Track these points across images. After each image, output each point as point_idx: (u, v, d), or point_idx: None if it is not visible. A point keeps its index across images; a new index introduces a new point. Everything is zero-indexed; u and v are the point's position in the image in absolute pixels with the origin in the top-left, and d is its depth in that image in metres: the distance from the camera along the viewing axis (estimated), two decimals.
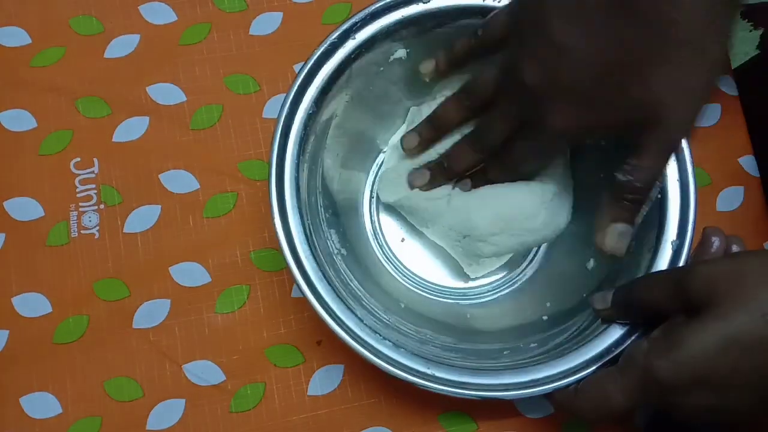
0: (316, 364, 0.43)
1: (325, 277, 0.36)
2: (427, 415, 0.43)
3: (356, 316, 0.35)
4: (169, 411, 0.42)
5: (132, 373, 0.42)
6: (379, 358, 0.35)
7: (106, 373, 0.42)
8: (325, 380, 0.43)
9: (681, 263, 0.37)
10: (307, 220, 0.37)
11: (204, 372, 0.43)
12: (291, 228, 0.36)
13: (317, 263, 0.36)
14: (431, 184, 0.42)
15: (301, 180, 0.37)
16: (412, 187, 0.42)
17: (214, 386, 0.42)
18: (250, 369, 0.43)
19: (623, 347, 0.35)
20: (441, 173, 0.41)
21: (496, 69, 0.37)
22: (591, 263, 0.41)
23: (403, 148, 0.42)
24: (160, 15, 0.48)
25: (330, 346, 0.43)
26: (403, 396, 0.43)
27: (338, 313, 0.35)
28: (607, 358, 0.35)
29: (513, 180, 0.40)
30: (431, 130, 0.41)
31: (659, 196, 0.38)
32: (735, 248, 0.37)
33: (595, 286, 0.39)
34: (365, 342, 0.35)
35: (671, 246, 0.37)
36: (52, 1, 0.48)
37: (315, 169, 0.40)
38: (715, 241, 0.37)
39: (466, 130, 0.41)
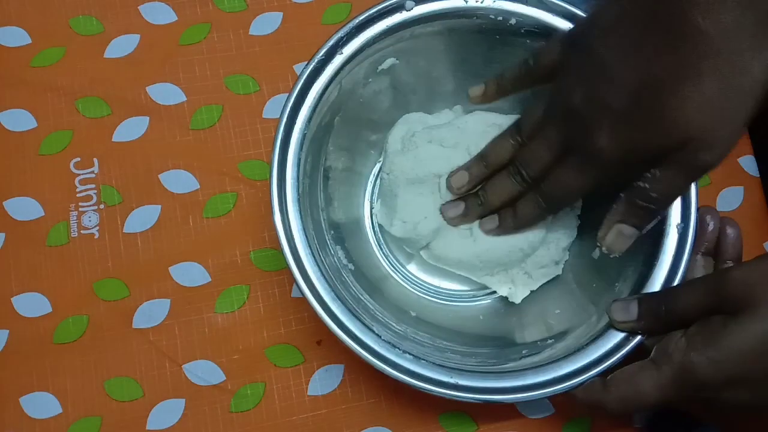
0: (316, 364, 0.43)
1: (333, 289, 0.36)
2: (427, 415, 0.43)
3: (373, 332, 0.35)
4: (169, 411, 0.42)
5: (132, 373, 0.42)
6: (400, 372, 0.35)
7: (106, 373, 0.42)
8: (325, 380, 0.43)
9: (688, 246, 0.37)
10: (309, 221, 0.37)
11: (204, 372, 0.43)
12: (290, 222, 0.36)
13: (319, 267, 0.36)
14: (464, 218, 0.41)
15: (302, 191, 0.37)
16: (446, 218, 0.41)
17: (214, 386, 0.42)
18: (250, 369, 0.43)
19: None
20: (476, 207, 0.40)
21: (544, 103, 0.36)
22: (597, 253, 0.41)
23: (449, 187, 0.40)
24: (160, 15, 0.48)
25: (330, 346, 0.43)
26: (403, 396, 0.43)
27: (341, 316, 0.35)
28: (627, 348, 0.36)
29: (545, 216, 0.39)
30: (482, 168, 0.39)
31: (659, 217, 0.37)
32: (729, 230, 0.39)
33: (603, 278, 0.39)
34: (377, 352, 0.35)
35: (677, 229, 0.37)
36: (52, 1, 0.48)
37: (315, 187, 0.40)
38: (711, 223, 0.39)
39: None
